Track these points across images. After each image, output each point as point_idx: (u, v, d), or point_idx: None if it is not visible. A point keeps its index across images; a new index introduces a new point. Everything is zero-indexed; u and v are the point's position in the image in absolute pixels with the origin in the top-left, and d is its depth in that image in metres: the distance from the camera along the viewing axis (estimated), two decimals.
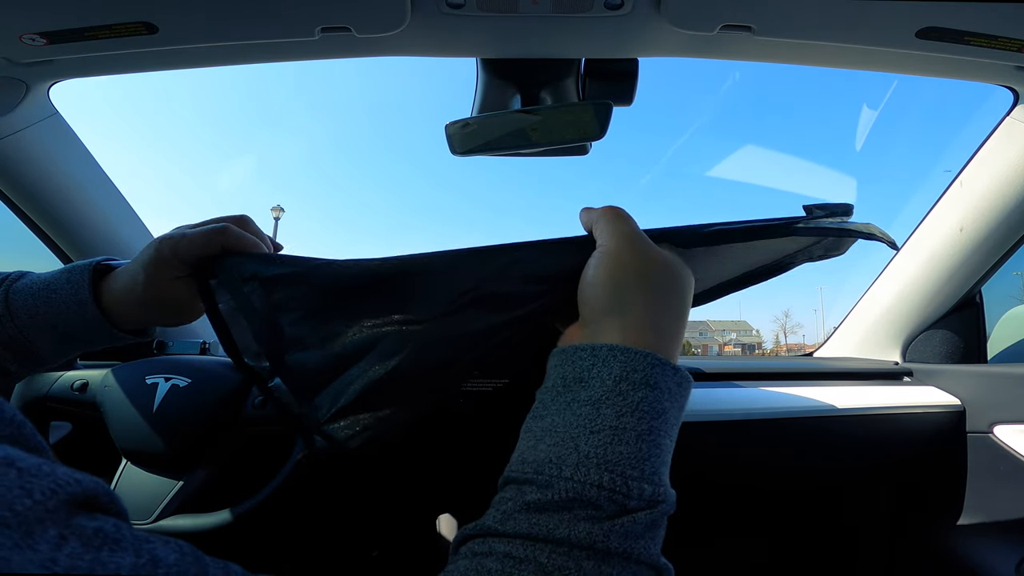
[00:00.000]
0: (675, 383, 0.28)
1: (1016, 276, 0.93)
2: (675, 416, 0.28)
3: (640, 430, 0.26)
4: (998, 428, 0.76)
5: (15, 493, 0.15)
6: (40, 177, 0.73)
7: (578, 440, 0.26)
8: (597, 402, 0.27)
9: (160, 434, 0.60)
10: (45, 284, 0.41)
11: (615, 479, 0.25)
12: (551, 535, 0.24)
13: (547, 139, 0.61)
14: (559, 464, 0.26)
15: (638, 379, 0.27)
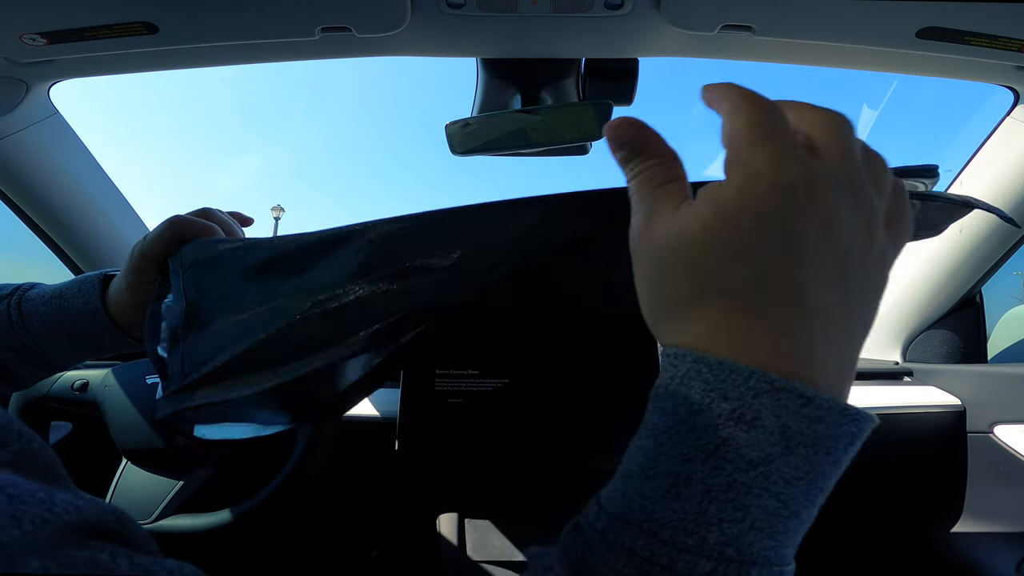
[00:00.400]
0: (800, 421, 0.17)
1: (1016, 276, 0.93)
2: (792, 467, 0.18)
3: (711, 485, 0.18)
4: (998, 428, 0.76)
5: (4, 522, 0.14)
6: (40, 177, 0.73)
7: (627, 484, 0.19)
8: (662, 436, 0.19)
9: (160, 434, 0.60)
10: (57, 294, 0.43)
11: (654, 546, 0.17)
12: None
13: (547, 139, 0.61)
14: (603, 510, 0.19)
15: (726, 411, 0.18)
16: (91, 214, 0.80)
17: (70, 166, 0.76)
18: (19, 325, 0.42)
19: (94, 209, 0.80)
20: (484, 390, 0.66)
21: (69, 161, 0.76)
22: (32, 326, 0.42)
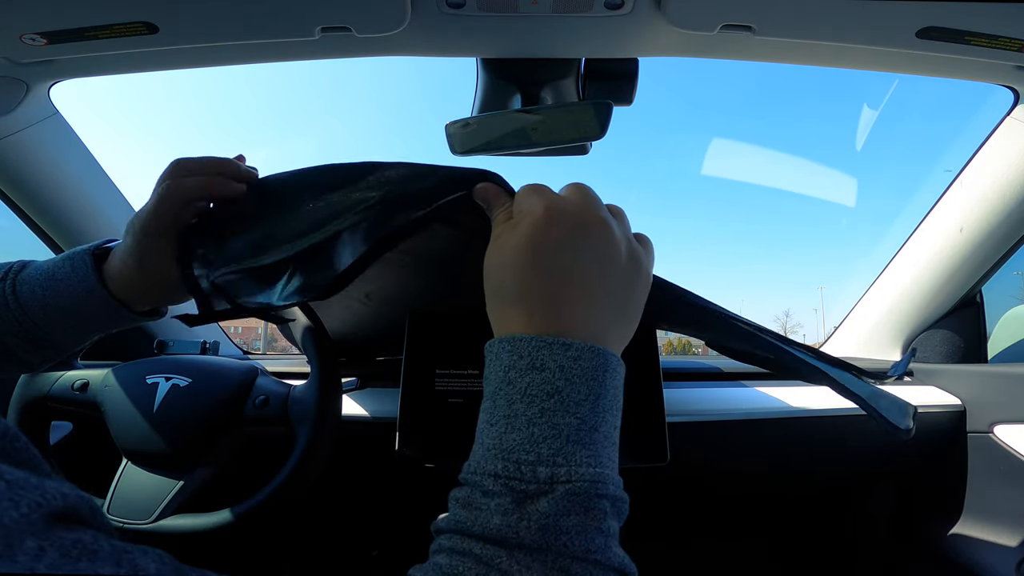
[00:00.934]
0: (570, 359, 0.27)
1: (1016, 276, 0.93)
2: (577, 392, 0.27)
3: (531, 414, 0.26)
4: (998, 428, 0.76)
5: (4, 505, 0.15)
6: (41, 177, 0.73)
7: (482, 435, 0.28)
8: (493, 395, 0.28)
9: (160, 434, 0.60)
10: (50, 274, 0.41)
11: (508, 466, 0.25)
12: (472, 530, 0.25)
13: (547, 139, 0.61)
14: (472, 460, 0.28)
15: (524, 365, 0.27)
16: (91, 214, 0.80)
17: (70, 166, 0.76)
18: (17, 310, 0.40)
19: (94, 209, 0.80)
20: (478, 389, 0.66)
21: (69, 161, 0.76)
22: (31, 310, 0.41)
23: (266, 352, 1.22)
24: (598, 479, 0.25)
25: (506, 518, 0.24)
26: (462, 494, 0.27)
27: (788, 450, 0.81)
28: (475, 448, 0.28)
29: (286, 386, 0.66)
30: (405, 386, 0.67)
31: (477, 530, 0.25)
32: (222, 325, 1.03)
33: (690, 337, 0.61)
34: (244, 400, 0.64)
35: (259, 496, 0.57)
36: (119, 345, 0.78)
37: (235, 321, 0.50)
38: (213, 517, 0.58)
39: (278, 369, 0.78)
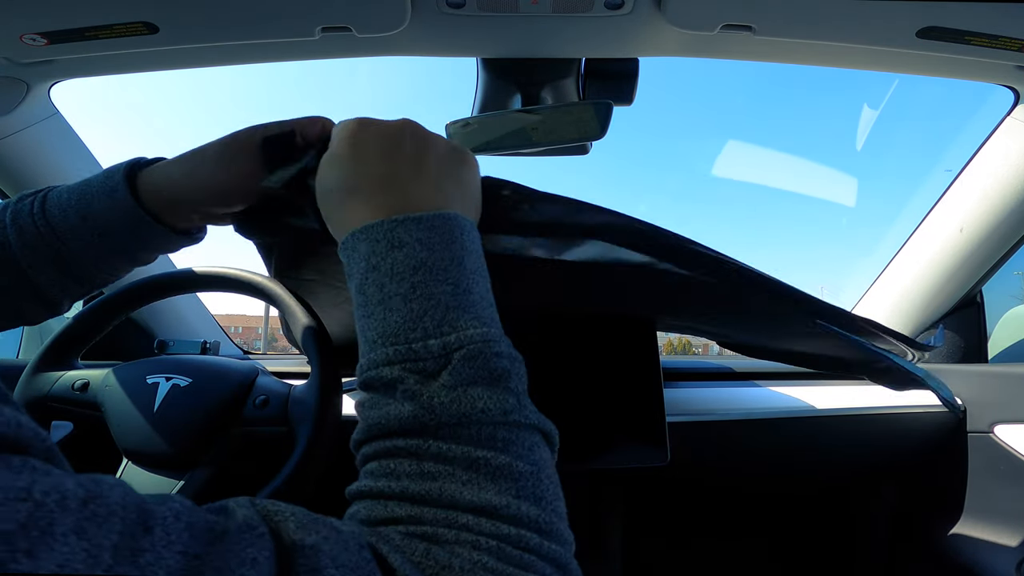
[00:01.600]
0: (424, 230, 0.27)
1: (1017, 276, 0.93)
2: (442, 259, 0.27)
3: (403, 291, 0.26)
4: (999, 428, 0.76)
5: None
6: (41, 177, 0.73)
7: (363, 332, 0.27)
8: (361, 286, 0.28)
9: (161, 434, 0.60)
10: (83, 184, 0.39)
11: (399, 349, 0.25)
12: (391, 427, 0.24)
13: (547, 139, 0.61)
14: (361, 359, 0.27)
15: (383, 248, 0.27)
16: None
17: (71, 166, 0.76)
18: (42, 222, 0.38)
19: None
20: None
21: (70, 161, 0.76)
22: (51, 214, 0.38)
23: (266, 352, 1.22)
24: (489, 338, 0.25)
25: (416, 402, 0.24)
26: (364, 398, 0.26)
27: (788, 450, 0.80)
28: (360, 350, 0.27)
29: (286, 386, 0.66)
30: None
31: (394, 424, 0.24)
32: (222, 325, 1.03)
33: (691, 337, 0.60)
34: (244, 400, 0.64)
35: (259, 496, 0.57)
36: (119, 345, 0.78)
37: (235, 321, 0.50)
38: None
39: (278, 369, 0.78)
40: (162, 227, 0.39)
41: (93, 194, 0.38)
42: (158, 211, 0.39)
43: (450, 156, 0.32)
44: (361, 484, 0.25)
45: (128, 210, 0.38)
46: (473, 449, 0.23)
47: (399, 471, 0.23)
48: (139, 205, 0.38)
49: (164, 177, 0.39)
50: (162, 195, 0.39)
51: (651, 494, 0.95)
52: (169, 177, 0.39)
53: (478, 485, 0.23)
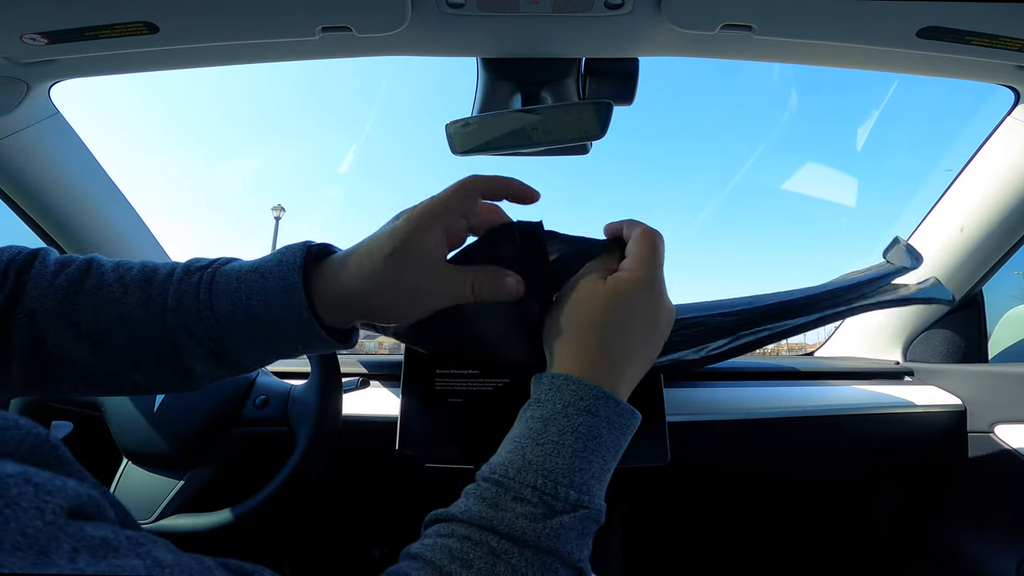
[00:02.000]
0: (615, 414, 0.33)
1: (1017, 276, 0.93)
2: (612, 440, 0.33)
3: (576, 448, 0.31)
4: (999, 428, 0.76)
5: (30, 514, 0.16)
6: (41, 177, 0.73)
7: (525, 449, 0.32)
8: (546, 420, 0.32)
9: (161, 433, 0.61)
10: (256, 270, 0.35)
11: (547, 483, 0.30)
12: (497, 528, 0.29)
13: (548, 139, 0.61)
14: (508, 467, 0.31)
15: (582, 407, 0.32)
16: (92, 214, 0.80)
17: (71, 166, 0.76)
18: (206, 300, 0.35)
19: (95, 209, 0.81)
20: (484, 390, 0.66)
21: (70, 161, 0.76)
22: (219, 307, 0.35)
23: None
24: (602, 508, 0.32)
25: (531, 523, 0.29)
26: (488, 493, 0.30)
27: (789, 450, 0.81)
28: (513, 458, 0.32)
29: (287, 386, 0.66)
30: (405, 386, 0.67)
31: (502, 528, 0.28)
32: None
33: None
34: (244, 400, 0.64)
35: (259, 496, 0.57)
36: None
37: None
38: (213, 517, 0.58)
39: (278, 369, 0.78)
40: (331, 339, 0.36)
41: (268, 293, 0.34)
42: (329, 319, 0.36)
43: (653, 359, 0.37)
44: (433, 553, 0.28)
45: (303, 322, 0.35)
46: (539, 573, 0.28)
47: (474, 563, 0.27)
48: (314, 317, 0.34)
49: (337, 282, 0.35)
50: (334, 304, 0.35)
51: (651, 494, 0.95)
52: (342, 284, 0.35)
53: None
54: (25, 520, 0.15)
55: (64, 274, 0.36)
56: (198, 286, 0.35)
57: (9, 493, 0.16)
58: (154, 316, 0.35)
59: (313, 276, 0.35)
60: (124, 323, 0.35)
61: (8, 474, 0.16)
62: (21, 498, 0.16)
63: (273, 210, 14.97)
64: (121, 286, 0.36)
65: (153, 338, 0.35)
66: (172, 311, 0.35)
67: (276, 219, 14.83)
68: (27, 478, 0.16)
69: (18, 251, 0.38)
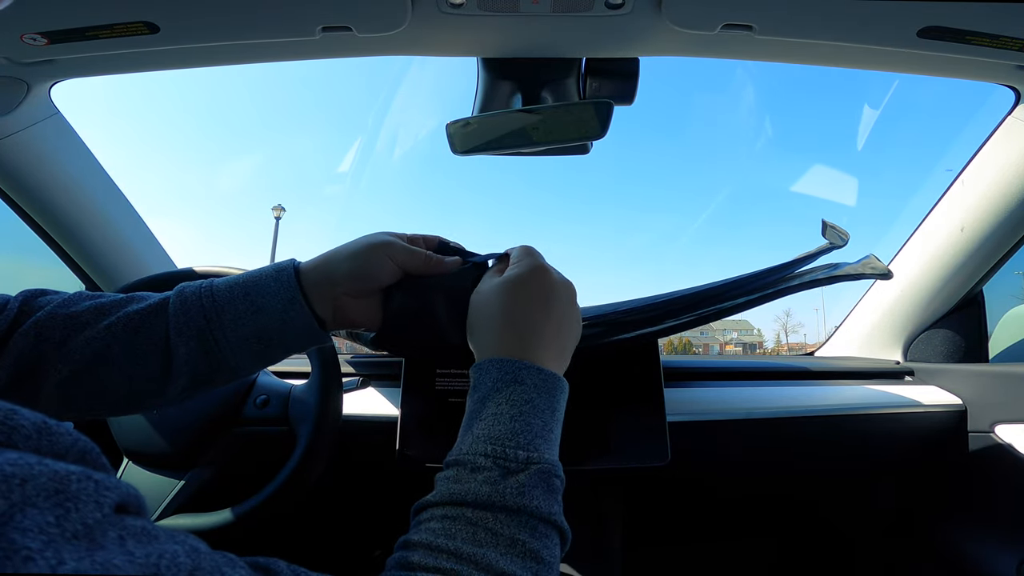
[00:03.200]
0: (540, 380, 0.37)
1: (1017, 275, 0.93)
2: (544, 403, 0.37)
3: (513, 414, 0.35)
4: (999, 427, 0.76)
5: (90, 507, 0.17)
6: (41, 177, 0.73)
7: (472, 427, 0.36)
8: (483, 399, 0.37)
9: (162, 433, 0.61)
10: (255, 285, 0.41)
11: (496, 448, 0.34)
12: (465, 499, 0.32)
13: (548, 138, 0.61)
14: (461, 446, 0.35)
15: (508, 379, 0.37)
16: (92, 214, 0.80)
17: (71, 166, 0.76)
18: (215, 323, 0.39)
19: (95, 209, 0.81)
20: None
21: (70, 161, 0.76)
22: (226, 327, 0.40)
23: None
24: (555, 463, 0.35)
25: (493, 487, 0.32)
26: (451, 473, 0.34)
27: (789, 450, 0.80)
28: (464, 438, 0.36)
29: (287, 385, 0.66)
30: (405, 386, 0.67)
31: (469, 498, 0.32)
32: None
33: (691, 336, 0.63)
34: (245, 400, 0.64)
35: (260, 496, 0.57)
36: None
37: None
38: (214, 517, 0.58)
39: (279, 369, 0.78)
40: (308, 312, 0.41)
41: (270, 309, 0.40)
42: (322, 311, 0.42)
43: (574, 329, 0.43)
44: (420, 536, 0.31)
45: (305, 325, 0.41)
46: (518, 531, 0.31)
47: (457, 534, 0.30)
48: (314, 315, 0.41)
49: (319, 273, 0.42)
50: (322, 293, 0.41)
51: (652, 494, 0.95)
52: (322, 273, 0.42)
53: (511, 559, 0.30)
54: (86, 512, 0.17)
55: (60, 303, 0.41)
56: (200, 302, 0.40)
57: (70, 488, 0.17)
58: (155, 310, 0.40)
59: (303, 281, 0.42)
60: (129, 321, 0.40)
61: (71, 472, 0.18)
62: (82, 492, 0.17)
63: (273, 210, 14.97)
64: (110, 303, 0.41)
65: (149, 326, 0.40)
66: (172, 328, 0.39)
67: (276, 219, 14.82)
68: (88, 475, 0.18)
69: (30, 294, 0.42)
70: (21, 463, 0.16)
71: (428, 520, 0.32)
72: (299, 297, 0.40)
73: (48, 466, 0.17)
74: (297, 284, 0.41)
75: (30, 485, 0.16)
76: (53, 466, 0.17)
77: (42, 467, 0.17)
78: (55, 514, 0.16)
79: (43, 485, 0.16)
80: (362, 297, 0.43)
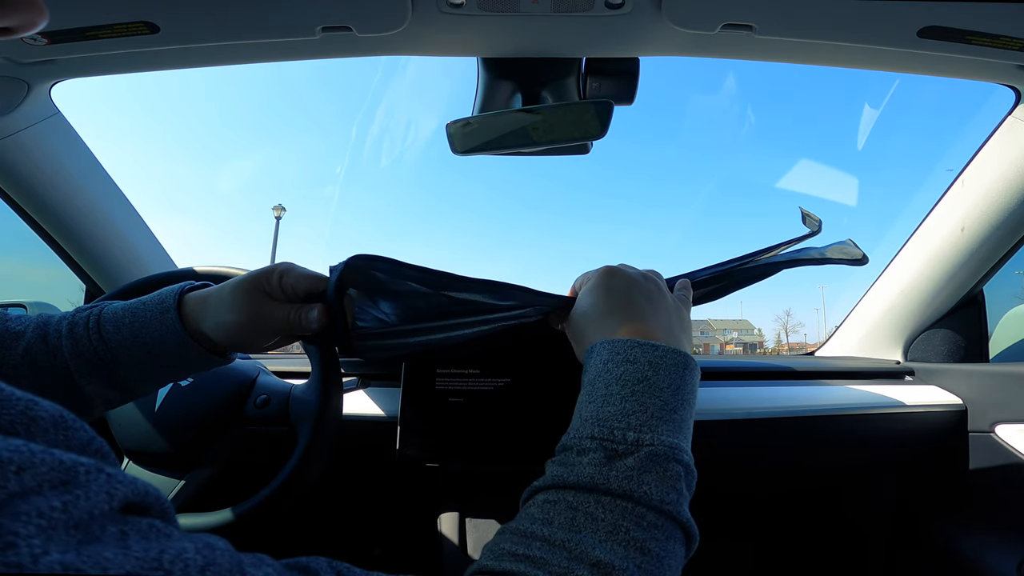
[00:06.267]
0: (656, 356, 0.35)
1: (1018, 275, 0.93)
2: (662, 381, 0.34)
3: (623, 394, 0.33)
4: (1000, 427, 0.76)
5: (100, 497, 0.17)
6: (42, 177, 0.74)
7: (581, 410, 0.35)
8: (592, 381, 0.36)
9: (162, 433, 0.61)
10: (138, 300, 0.44)
11: (603, 431, 0.32)
12: (567, 481, 0.30)
13: (548, 138, 0.61)
14: (570, 430, 0.34)
15: (620, 359, 0.35)
16: (93, 214, 0.80)
17: (72, 166, 0.76)
18: (95, 331, 0.42)
19: (95, 209, 0.81)
20: (485, 389, 0.66)
21: (71, 161, 0.76)
22: (106, 330, 0.42)
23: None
24: (675, 447, 0.32)
25: (598, 468, 0.30)
26: (559, 457, 0.33)
27: (789, 449, 0.80)
28: (573, 422, 0.35)
29: (287, 385, 0.66)
30: (406, 385, 0.67)
31: (572, 480, 0.30)
32: None
33: None
34: (245, 399, 0.64)
35: (260, 495, 0.57)
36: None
37: None
38: (214, 517, 0.58)
39: (279, 368, 0.78)
40: (202, 349, 0.43)
41: (147, 315, 0.42)
42: (197, 335, 0.43)
43: (674, 307, 0.44)
44: (518, 522, 0.30)
45: (176, 333, 0.42)
46: (621, 518, 0.28)
47: (554, 519, 0.29)
48: (184, 329, 0.42)
49: (201, 306, 0.43)
50: (199, 321, 0.43)
51: None
52: (205, 308, 0.43)
53: (611, 547, 0.27)
54: (96, 501, 0.17)
55: None
56: (87, 319, 0.42)
57: (78, 478, 0.17)
58: (51, 348, 0.42)
59: (186, 303, 0.43)
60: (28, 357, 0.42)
61: (80, 462, 0.17)
62: (92, 483, 0.17)
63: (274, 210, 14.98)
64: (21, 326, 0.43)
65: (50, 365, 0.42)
66: (65, 341, 0.42)
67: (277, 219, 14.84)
68: (99, 467, 0.18)
69: None
70: (23, 450, 0.16)
71: (531, 505, 0.31)
72: (189, 341, 0.42)
73: (53, 455, 0.17)
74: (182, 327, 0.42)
75: (28, 473, 0.16)
76: (60, 456, 0.17)
77: (45, 455, 0.16)
78: (62, 500, 0.16)
79: (45, 474, 0.16)
80: None
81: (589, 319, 0.41)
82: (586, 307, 0.42)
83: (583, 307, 0.42)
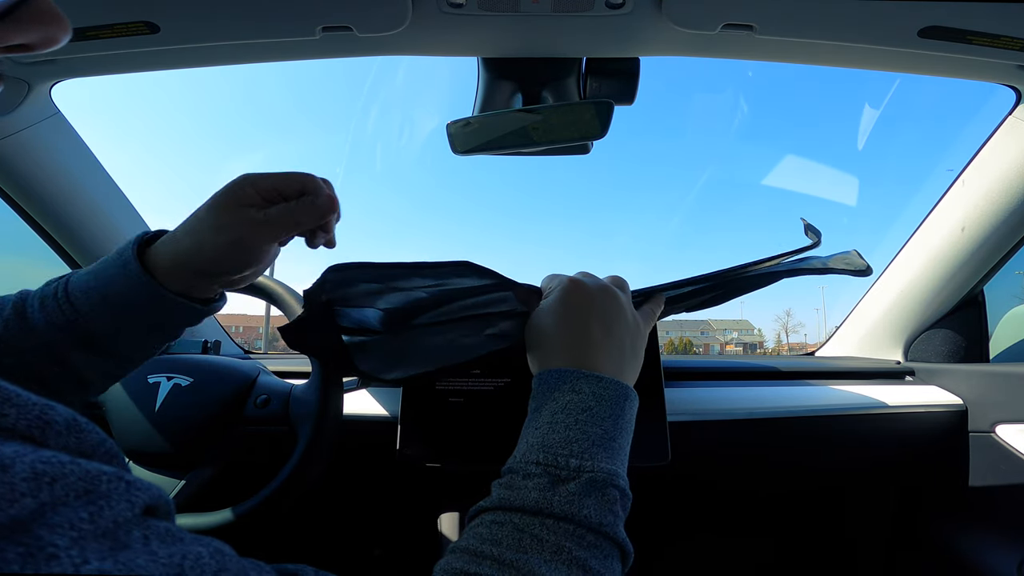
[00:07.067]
0: (600, 388, 0.37)
1: (1018, 275, 0.93)
2: (603, 411, 0.36)
3: (568, 422, 0.35)
4: (1000, 428, 0.76)
5: (122, 506, 0.18)
6: (42, 177, 0.74)
7: (527, 435, 0.37)
8: (539, 408, 0.38)
9: (162, 433, 0.61)
10: (101, 264, 0.41)
11: (548, 457, 0.34)
12: (514, 504, 0.32)
13: (548, 138, 0.61)
14: (517, 454, 0.36)
15: (567, 388, 0.37)
16: (92, 213, 0.80)
17: (72, 166, 0.76)
18: (66, 306, 0.40)
19: (95, 208, 0.81)
20: (485, 389, 0.66)
21: (71, 161, 0.76)
22: (74, 296, 0.40)
23: (267, 351, 1.22)
24: (613, 473, 0.34)
25: (542, 493, 0.32)
26: (504, 479, 0.35)
27: (789, 450, 0.80)
28: (519, 446, 0.36)
29: (287, 385, 0.66)
30: (406, 385, 0.67)
31: (517, 503, 0.32)
32: (223, 324, 1.03)
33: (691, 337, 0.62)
34: (245, 399, 0.64)
35: (260, 495, 0.57)
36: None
37: (236, 320, 0.50)
38: (214, 516, 0.58)
39: (279, 368, 0.78)
40: (179, 298, 0.41)
41: (109, 273, 0.40)
42: (171, 282, 0.40)
43: (632, 326, 0.43)
44: (467, 541, 0.31)
45: (143, 284, 0.39)
46: (564, 540, 0.30)
47: (502, 540, 0.30)
48: (153, 278, 0.40)
49: (171, 247, 0.40)
50: (172, 265, 0.40)
51: (652, 493, 0.95)
52: (176, 247, 0.40)
53: (555, 566, 0.29)
54: (118, 510, 0.17)
55: None
56: (56, 289, 0.40)
57: (100, 488, 0.17)
58: (29, 325, 0.40)
59: (150, 252, 0.41)
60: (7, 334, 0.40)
61: (103, 471, 0.18)
62: (113, 492, 0.18)
63: None
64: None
65: (31, 343, 0.40)
66: (39, 314, 0.40)
67: None
68: (120, 476, 0.18)
69: None
70: (53, 461, 0.17)
71: (478, 525, 0.33)
72: (160, 290, 0.40)
73: (80, 465, 0.17)
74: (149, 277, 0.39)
75: (59, 484, 0.16)
76: (85, 466, 0.17)
77: (73, 466, 0.17)
78: (88, 511, 0.17)
79: (73, 484, 0.17)
80: None
81: (546, 337, 0.42)
82: (544, 326, 0.42)
83: (542, 324, 0.42)
